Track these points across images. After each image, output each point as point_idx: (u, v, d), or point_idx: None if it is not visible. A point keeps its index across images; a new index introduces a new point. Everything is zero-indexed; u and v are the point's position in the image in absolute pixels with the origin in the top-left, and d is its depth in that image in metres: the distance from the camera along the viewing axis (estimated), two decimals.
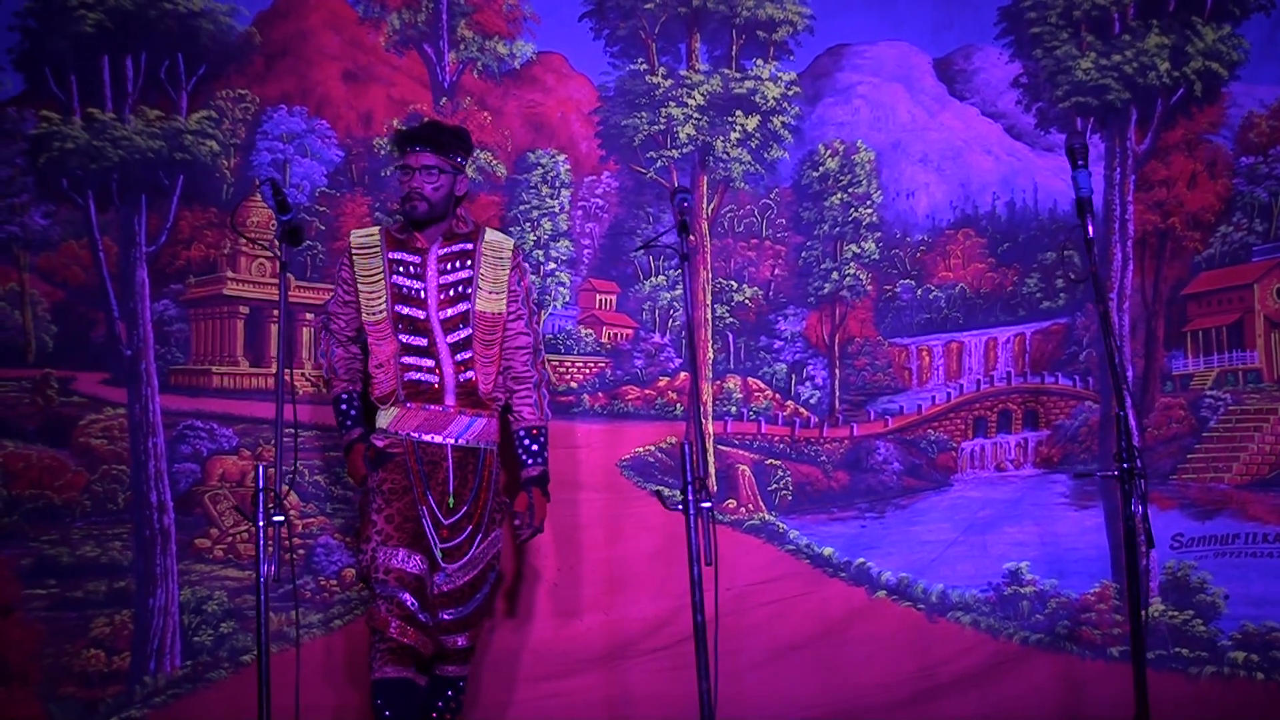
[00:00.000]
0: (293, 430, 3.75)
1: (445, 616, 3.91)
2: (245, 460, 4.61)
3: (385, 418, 3.95)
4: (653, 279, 4.94)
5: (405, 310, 3.93)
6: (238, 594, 4.53)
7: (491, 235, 4.08)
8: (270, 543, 3.40)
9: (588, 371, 4.88)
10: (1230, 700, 4.62)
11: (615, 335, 4.92)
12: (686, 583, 3.47)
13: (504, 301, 4.00)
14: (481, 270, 3.99)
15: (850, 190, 4.97)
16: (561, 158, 4.91)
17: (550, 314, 4.87)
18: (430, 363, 3.93)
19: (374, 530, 3.85)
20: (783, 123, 4.94)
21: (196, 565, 4.56)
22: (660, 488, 4.67)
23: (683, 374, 4.88)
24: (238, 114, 4.70)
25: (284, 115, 4.74)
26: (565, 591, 4.68)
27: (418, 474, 3.88)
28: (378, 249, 3.98)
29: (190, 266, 4.68)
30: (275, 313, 4.53)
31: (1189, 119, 4.88)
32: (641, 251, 4.87)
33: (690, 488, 3.46)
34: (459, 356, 3.94)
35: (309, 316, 4.70)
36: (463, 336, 3.95)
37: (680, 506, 3.48)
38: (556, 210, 4.90)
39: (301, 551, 4.56)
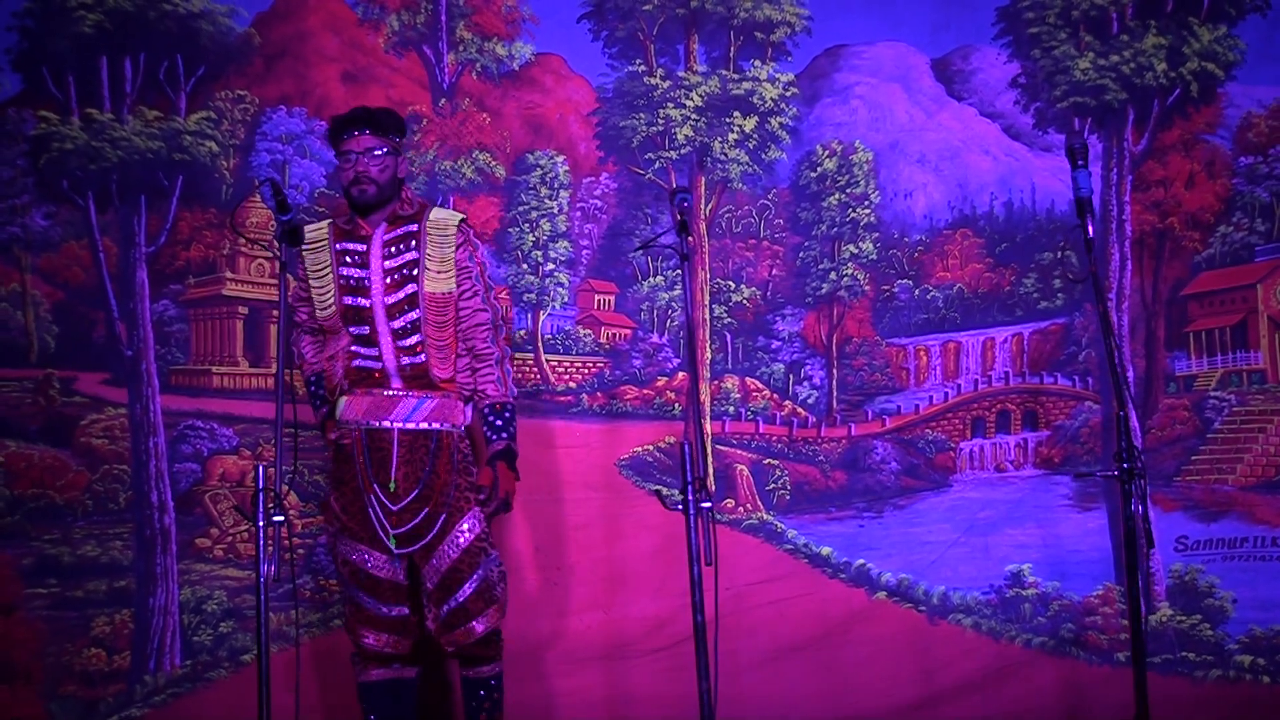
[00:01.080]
0: (293, 430, 3.73)
1: (443, 610, 3.79)
2: (245, 460, 4.63)
3: (337, 409, 3.86)
4: (651, 279, 4.95)
5: (350, 301, 3.81)
6: (237, 594, 4.55)
7: (436, 214, 3.90)
8: (270, 542, 3.39)
9: (586, 371, 4.88)
10: (1234, 702, 4.59)
11: (614, 335, 4.93)
12: (686, 582, 3.46)
13: (453, 280, 3.83)
14: (427, 250, 3.83)
15: (848, 191, 4.97)
16: (560, 159, 4.92)
17: (549, 314, 4.88)
18: (374, 350, 3.81)
19: (334, 515, 3.82)
20: (780, 123, 4.94)
21: (197, 565, 4.58)
22: (659, 487, 4.67)
23: (681, 374, 4.88)
24: (237, 115, 4.72)
25: (283, 116, 4.75)
26: (565, 591, 4.68)
27: (362, 464, 3.79)
28: (325, 243, 3.85)
29: (190, 267, 4.70)
30: (275, 313, 4.55)
31: (1186, 119, 4.86)
32: (640, 252, 4.87)
33: (690, 487, 3.44)
34: (404, 341, 3.80)
35: None
36: (409, 320, 3.81)
37: (680, 506, 3.46)
38: (555, 211, 4.90)
39: (301, 551, 4.57)
